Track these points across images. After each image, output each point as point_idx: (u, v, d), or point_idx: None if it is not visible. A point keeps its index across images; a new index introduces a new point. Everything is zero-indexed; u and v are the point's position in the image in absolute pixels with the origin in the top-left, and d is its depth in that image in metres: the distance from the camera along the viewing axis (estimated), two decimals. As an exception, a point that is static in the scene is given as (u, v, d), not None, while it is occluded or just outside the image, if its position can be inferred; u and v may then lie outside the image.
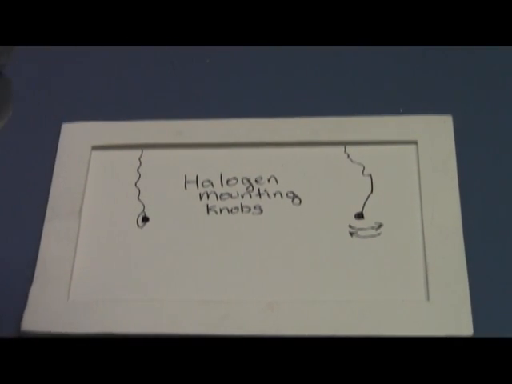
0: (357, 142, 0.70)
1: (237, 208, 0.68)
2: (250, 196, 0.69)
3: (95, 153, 0.72)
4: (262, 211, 0.68)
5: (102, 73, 0.79)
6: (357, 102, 0.73)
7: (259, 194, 0.69)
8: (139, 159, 0.71)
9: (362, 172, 0.69)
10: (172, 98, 0.76)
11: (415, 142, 0.69)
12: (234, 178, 0.70)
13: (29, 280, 0.66)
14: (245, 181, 0.70)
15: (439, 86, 0.74)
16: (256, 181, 0.69)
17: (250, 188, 0.69)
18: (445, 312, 0.61)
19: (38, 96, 0.77)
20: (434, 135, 0.69)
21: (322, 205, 0.68)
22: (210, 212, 0.68)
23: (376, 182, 0.68)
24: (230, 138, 0.71)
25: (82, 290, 0.65)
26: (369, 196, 0.68)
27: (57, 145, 0.73)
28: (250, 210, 0.68)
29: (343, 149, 0.70)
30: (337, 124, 0.71)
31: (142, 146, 0.72)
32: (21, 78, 0.80)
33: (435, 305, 0.62)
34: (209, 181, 0.70)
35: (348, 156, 0.70)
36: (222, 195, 0.69)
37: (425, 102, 0.72)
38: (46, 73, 0.79)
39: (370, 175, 0.69)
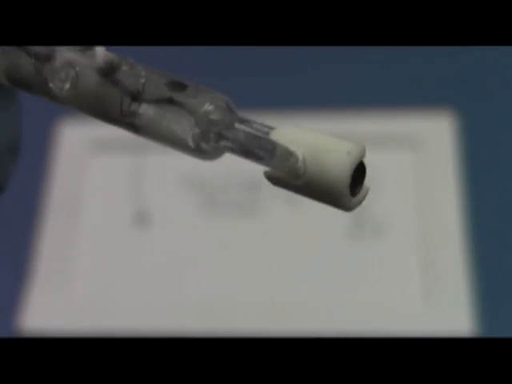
0: (356, 141, 0.70)
1: (236, 208, 0.68)
2: (249, 196, 0.69)
3: (94, 152, 0.72)
4: (261, 212, 0.68)
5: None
6: (356, 101, 0.73)
7: (258, 194, 0.69)
8: (139, 159, 0.71)
9: (362, 171, 0.69)
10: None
11: (415, 141, 0.69)
12: (233, 178, 0.70)
13: (29, 280, 0.66)
14: (244, 181, 0.70)
15: (439, 85, 0.74)
16: (255, 181, 0.69)
17: (249, 188, 0.69)
18: (445, 312, 0.61)
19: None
20: (434, 133, 0.69)
21: (321, 205, 0.67)
22: (210, 213, 0.68)
23: (375, 181, 0.68)
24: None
25: (81, 289, 0.65)
26: (368, 195, 0.67)
27: (56, 144, 0.73)
28: (249, 210, 0.68)
29: (343, 148, 0.70)
30: (335, 123, 0.71)
31: (142, 147, 0.72)
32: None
33: (435, 305, 0.62)
34: (208, 181, 0.70)
35: (347, 155, 0.70)
36: (221, 195, 0.69)
37: (425, 101, 0.72)
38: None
39: (369, 174, 0.68)
